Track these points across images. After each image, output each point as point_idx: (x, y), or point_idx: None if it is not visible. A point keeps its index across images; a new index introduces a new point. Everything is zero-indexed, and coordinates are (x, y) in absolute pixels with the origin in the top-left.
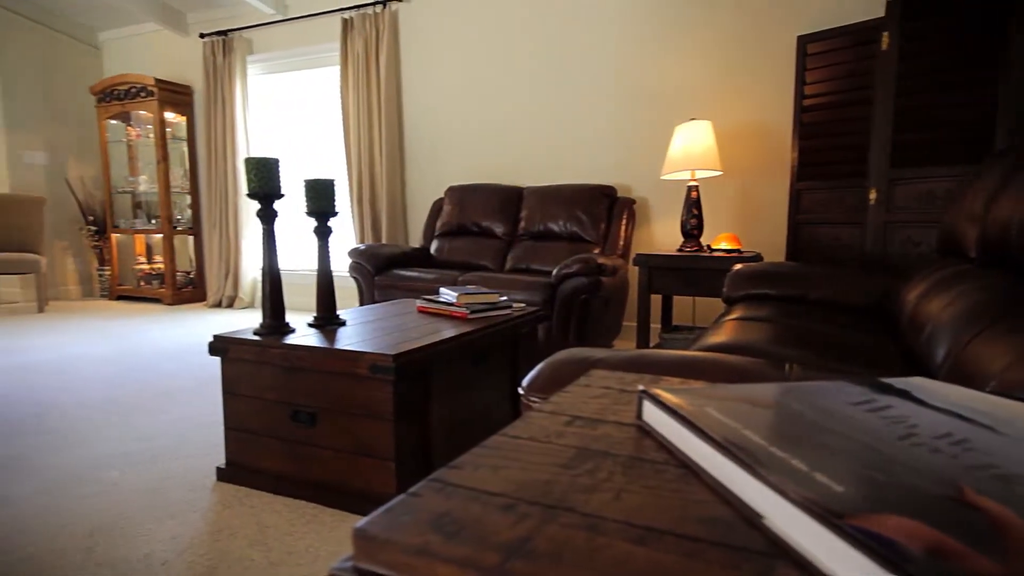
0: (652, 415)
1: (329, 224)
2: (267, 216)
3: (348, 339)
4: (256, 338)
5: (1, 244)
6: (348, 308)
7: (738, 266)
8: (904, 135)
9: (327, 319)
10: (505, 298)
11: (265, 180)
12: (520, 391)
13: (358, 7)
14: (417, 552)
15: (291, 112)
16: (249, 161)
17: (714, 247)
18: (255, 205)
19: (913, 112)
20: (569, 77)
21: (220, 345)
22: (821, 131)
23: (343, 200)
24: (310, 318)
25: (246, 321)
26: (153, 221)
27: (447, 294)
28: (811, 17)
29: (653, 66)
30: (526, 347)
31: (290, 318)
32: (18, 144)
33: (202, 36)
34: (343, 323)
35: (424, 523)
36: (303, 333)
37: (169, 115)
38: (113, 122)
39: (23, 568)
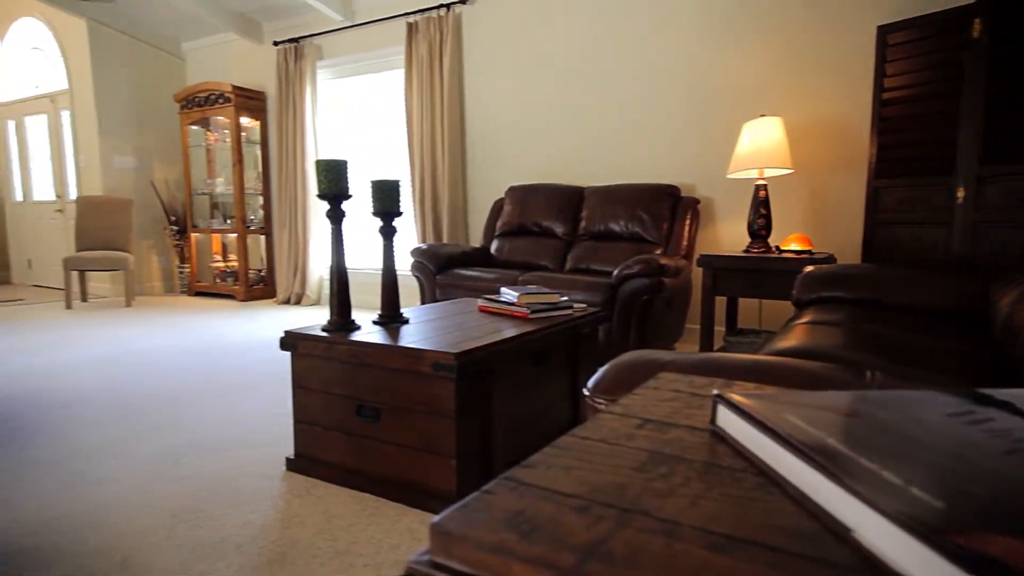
0: (727, 420)
1: (394, 224)
2: (336, 216)
3: (411, 337)
4: (324, 334)
5: (94, 243)
6: (410, 306)
7: (809, 268)
8: (996, 129)
9: (391, 317)
10: (566, 298)
11: (334, 181)
12: (585, 392)
13: (422, 11)
14: (492, 550)
15: (358, 115)
16: (319, 163)
17: (783, 248)
18: (322, 205)
19: (1007, 104)
20: (632, 74)
21: (290, 341)
22: (902, 126)
23: (406, 200)
24: (375, 316)
25: (313, 318)
26: (228, 221)
27: (508, 294)
28: (891, 5)
29: (720, 61)
30: (587, 348)
31: (355, 315)
32: (110, 149)
33: (276, 44)
34: (406, 321)
35: (499, 521)
36: (368, 330)
37: (244, 120)
38: (194, 128)
39: (115, 544)
